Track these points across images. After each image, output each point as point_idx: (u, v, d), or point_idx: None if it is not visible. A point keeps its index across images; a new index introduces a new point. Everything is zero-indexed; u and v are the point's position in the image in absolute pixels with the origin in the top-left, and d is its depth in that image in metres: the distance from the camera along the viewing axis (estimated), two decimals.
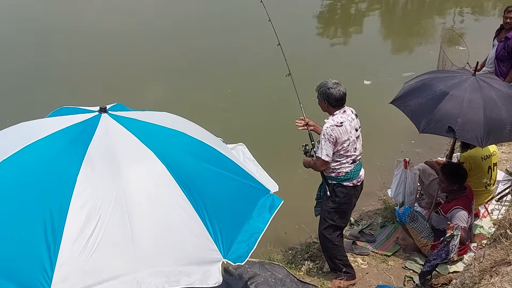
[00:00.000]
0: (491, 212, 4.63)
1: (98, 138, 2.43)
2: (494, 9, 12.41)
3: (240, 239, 2.43)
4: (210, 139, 2.90)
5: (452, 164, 4.29)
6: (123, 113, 2.70)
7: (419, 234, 4.17)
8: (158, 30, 10.37)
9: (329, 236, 3.87)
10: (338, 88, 3.55)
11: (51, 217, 2.12)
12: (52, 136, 2.46)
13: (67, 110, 2.83)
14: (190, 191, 2.34)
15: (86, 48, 9.53)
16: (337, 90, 3.54)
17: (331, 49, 10.22)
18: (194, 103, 7.39)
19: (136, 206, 2.20)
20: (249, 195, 2.67)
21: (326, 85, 3.58)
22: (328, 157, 3.57)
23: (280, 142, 6.33)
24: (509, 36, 5.47)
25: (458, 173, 4.03)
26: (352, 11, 12.88)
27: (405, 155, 6.07)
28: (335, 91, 3.54)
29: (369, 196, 5.46)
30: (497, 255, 2.79)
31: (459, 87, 3.70)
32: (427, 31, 11.24)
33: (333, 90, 3.54)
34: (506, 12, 5.55)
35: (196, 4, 11.91)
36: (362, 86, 7.84)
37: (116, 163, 2.33)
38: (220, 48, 9.37)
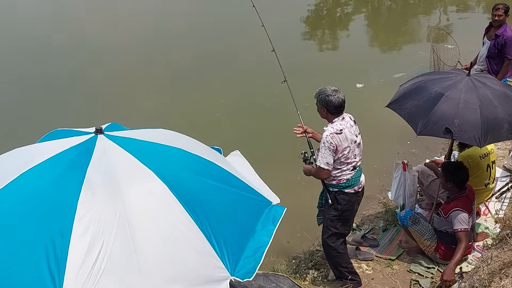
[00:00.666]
0: (495, 213, 4.62)
1: (96, 160, 2.39)
2: (479, 6, 12.53)
3: (246, 255, 2.41)
4: (208, 153, 2.87)
5: (453, 162, 4.26)
6: (119, 133, 2.67)
7: (422, 237, 4.15)
8: (146, 42, 10.31)
9: (333, 244, 3.83)
10: (337, 95, 3.53)
11: (53, 245, 2.08)
12: (49, 161, 2.42)
13: (61, 132, 2.78)
14: (193, 209, 2.31)
15: (71, 62, 9.42)
16: (336, 97, 3.53)
17: (320, 53, 10.22)
18: (188, 115, 7.35)
19: (139, 229, 2.17)
20: (251, 208, 2.64)
21: (325, 92, 3.56)
22: (328, 165, 3.56)
23: (277, 149, 6.30)
24: (499, 34, 5.51)
25: (456, 171, 4.02)
26: (338, 15, 12.93)
27: (401, 156, 6.07)
28: (334, 98, 3.52)
29: (369, 200, 5.44)
30: (505, 257, 2.77)
31: (454, 88, 3.70)
32: (415, 31, 11.32)
33: (332, 97, 3.52)
34: (494, 10, 5.60)
35: (184, 14, 11.88)
36: (355, 89, 7.84)
37: (116, 185, 2.29)
38: (212, 57, 9.34)
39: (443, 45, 7.45)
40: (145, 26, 11.03)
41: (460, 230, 3.84)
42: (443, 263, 4.12)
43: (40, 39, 10.52)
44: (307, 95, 4.17)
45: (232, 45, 9.85)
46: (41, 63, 9.49)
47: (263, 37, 4.52)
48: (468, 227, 3.87)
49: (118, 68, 9.09)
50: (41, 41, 10.41)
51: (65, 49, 10.00)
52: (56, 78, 8.80)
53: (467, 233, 3.86)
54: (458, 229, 3.85)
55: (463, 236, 3.83)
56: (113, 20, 11.45)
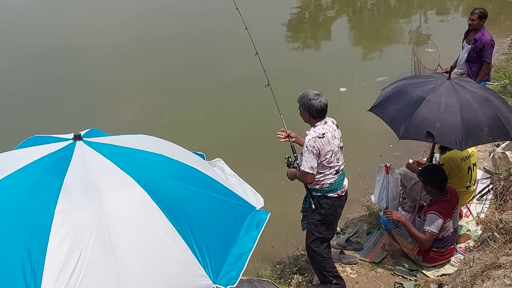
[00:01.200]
0: (477, 215, 4.67)
1: (75, 167, 2.34)
2: (458, 10, 12.74)
3: (229, 261, 2.38)
4: (190, 158, 2.83)
5: (430, 165, 4.30)
6: (98, 139, 2.61)
7: (405, 240, 4.17)
8: (128, 47, 10.21)
9: (317, 249, 3.83)
10: (319, 100, 3.54)
11: (29, 256, 2.02)
12: (26, 169, 2.36)
13: (39, 139, 2.71)
14: (174, 216, 2.27)
15: (52, 68, 9.27)
16: (318, 102, 3.53)
17: (303, 58, 10.24)
18: (171, 120, 7.27)
19: (119, 238, 2.11)
20: (234, 214, 2.61)
21: (307, 96, 3.56)
22: (312, 169, 3.54)
23: (261, 154, 6.28)
24: (477, 38, 5.59)
25: (431, 173, 4.05)
26: (321, 19, 13.00)
27: (384, 159, 6.11)
28: (316, 102, 3.53)
29: (353, 203, 5.45)
30: (487, 259, 2.80)
31: (435, 91, 3.74)
32: (396, 34, 11.43)
33: (314, 101, 3.53)
34: (471, 14, 5.69)
35: (166, 19, 11.81)
36: (338, 93, 7.87)
37: (95, 192, 2.24)
38: (195, 61, 9.29)
39: (423, 48, 7.54)
40: (126, 33, 10.91)
41: (427, 231, 3.91)
42: (426, 266, 4.16)
43: (17, 45, 10.31)
44: (290, 99, 4.16)
45: (215, 49, 9.81)
46: (18, 68, 9.29)
47: (246, 42, 4.51)
48: (436, 232, 3.92)
49: (99, 73, 8.97)
50: (18, 47, 10.21)
51: (44, 55, 9.84)
52: (34, 84, 8.61)
53: (432, 237, 3.92)
54: (426, 229, 3.92)
55: (428, 237, 3.90)
56: (94, 26, 11.29)
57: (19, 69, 9.28)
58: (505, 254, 2.72)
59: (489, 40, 5.51)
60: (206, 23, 11.23)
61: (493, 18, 11.55)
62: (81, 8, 12.89)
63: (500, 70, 7.64)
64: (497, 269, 2.61)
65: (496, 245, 2.88)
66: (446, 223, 3.97)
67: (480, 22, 5.57)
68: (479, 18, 5.55)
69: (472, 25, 5.63)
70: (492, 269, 2.65)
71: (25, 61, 9.62)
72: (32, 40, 10.48)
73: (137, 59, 9.63)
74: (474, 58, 5.59)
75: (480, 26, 5.59)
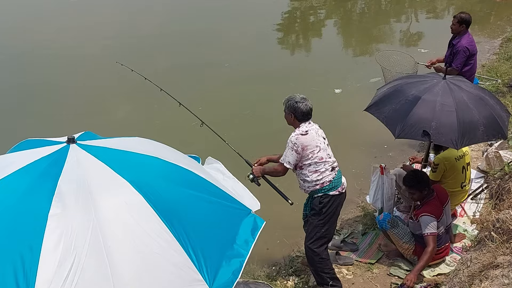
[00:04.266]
0: (472, 214, 4.68)
1: (68, 170, 2.30)
2: (448, 12, 12.81)
3: (224, 266, 2.36)
4: (185, 161, 2.80)
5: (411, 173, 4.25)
6: (92, 142, 2.58)
7: (401, 240, 4.17)
8: (121, 49, 10.15)
9: (317, 250, 3.82)
10: (305, 103, 3.66)
11: (22, 261, 1.98)
12: (19, 172, 2.32)
13: (32, 142, 2.67)
14: (170, 220, 2.24)
15: (45, 71, 9.18)
16: (304, 105, 3.66)
17: (297, 60, 10.23)
18: (165, 124, 7.19)
19: (113, 242, 2.08)
20: (230, 218, 2.59)
21: (294, 99, 3.69)
22: (290, 164, 3.68)
23: (255, 155, 6.22)
24: (454, 43, 5.61)
25: (418, 178, 4.05)
26: (312, 21, 13.02)
27: (379, 160, 6.11)
28: (302, 105, 3.65)
29: (348, 204, 5.42)
30: (484, 259, 2.79)
31: (430, 91, 3.74)
32: (387, 35, 11.48)
33: (300, 104, 3.65)
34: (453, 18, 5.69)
35: (158, 21, 11.75)
36: (333, 94, 7.85)
37: (90, 196, 2.20)
38: (189, 63, 9.25)
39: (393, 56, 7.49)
40: (120, 34, 10.85)
41: (427, 235, 3.90)
42: None
43: (8, 49, 10.18)
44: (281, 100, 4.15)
45: (209, 51, 9.77)
46: (12, 73, 9.18)
47: (240, 45, 4.49)
48: (435, 231, 3.93)
49: (92, 76, 8.88)
50: (9, 51, 10.09)
51: (37, 59, 9.75)
52: (28, 88, 8.50)
53: (434, 237, 3.92)
54: (425, 233, 3.91)
55: (430, 239, 3.89)
56: (88, 28, 11.22)
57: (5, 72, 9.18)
58: (502, 254, 2.72)
59: (463, 46, 5.45)
60: (199, 25, 11.20)
61: (484, 18, 11.67)
62: (69, 9, 12.80)
63: (491, 70, 7.69)
64: (495, 269, 2.60)
65: (493, 245, 2.88)
66: (438, 223, 3.97)
67: (460, 27, 5.54)
68: (459, 23, 5.54)
69: (452, 30, 5.64)
70: (490, 269, 2.65)
71: (12, 64, 9.51)
72: (18, 42, 10.38)
73: (128, 61, 9.54)
74: (451, 62, 5.60)
75: (461, 31, 5.56)
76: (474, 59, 5.60)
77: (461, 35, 5.55)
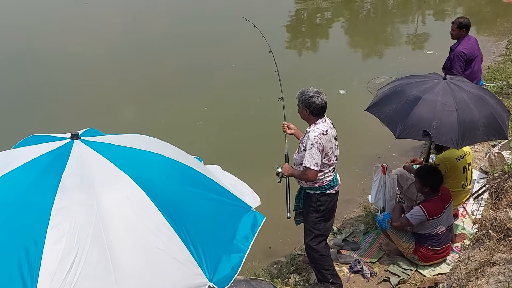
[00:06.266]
0: (471, 213, 4.68)
1: (72, 165, 2.35)
2: (455, 13, 12.78)
3: (224, 261, 2.39)
4: (186, 158, 2.84)
5: (426, 166, 4.33)
6: (96, 138, 2.62)
7: (400, 239, 4.20)
8: (127, 49, 10.24)
9: (316, 247, 3.85)
10: (320, 97, 3.51)
11: (27, 253, 2.03)
12: (23, 167, 2.37)
13: (37, 138, 2.73)
14: (171, 215, 2.28)
15: (52, 71, 9.26)
16: (319, 99, 3.51)
17: (302, 60, 10.26)
18: (170, 123, 7.26)
19: (116, 236, 2.13)
20: (231, 214, 2.62)
21: (308, 93, 3.53)
22: (317, 166, 3.50)
23: (259, 155, 6.29)
24: (452, 48, 5.61)
25: (431, 175, 4.08)
26: (319, 22, 13.06)
27: (382, 160, 6.13)
28: (317, 100, 3.50)
29: (350, 203, 5.48)
30: (481, 256, 2.81)
31: (431, 91, 3.76)
32: (394, 36, 11.48)
33: (315, 98, 3.50)
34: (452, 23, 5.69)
35: (165, 21, 11.84)
36: (338, 95, 7.89)
37: (93, 191, 2.25)
38: (195, 63, 9.31)
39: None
40: (127, 34, 10.94)
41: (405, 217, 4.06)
42: (423, 265, 4.17)
43: (15, 49, 10.29)
44: (290, 101, 4.18)
45: (216, 52, 9.83)
46: (17, 72, 9.27)
47: (246, 46, 4.53)
48: (414, 225, 4.03)
49: (99, 76, 8.96)
50: (16, 51, 10.19)
51: (44, 58, 9.84)
52: (34, 87, 8.61)
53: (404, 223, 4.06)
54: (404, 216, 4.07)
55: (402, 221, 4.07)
56: (94, 29, 11.32)
57: (14, 71, 9.28)
58: (499, 252, 2.74)
59: (459, 51, 5.44)
60: (206, 26, 11.27)
61: (490, 20, 11.64)
62: (75, 10, 12.92)
63: (497, 72, 7.68)
64: (492, 266, 2.62)
65: (490, 243, 2.90)
66: (435, 220, 3.99)
67: (460, 32, 5.54)
68: (459, 28, 5.54)
69: (452, 35, 5.65)
70: (487, 266, 2.67)
71: (20, 64, 9.61)
72: (25, 44, 10.50)
73: (135, 61, 9.65)
74: (448, 67, 5.60)
75: (461, 35, 5.55)
76: (475, 63, 5.57)
77: (461, 39, 5.55)
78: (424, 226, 4.03)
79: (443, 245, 4.10)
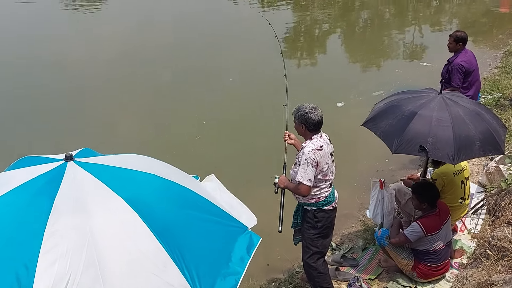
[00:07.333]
0: (470, 229, 4.65)
1: (65, 188, 2.33)
2: (451, 25, 12.86)
3: (220, 284, 2.36)
4: (181, 178, 2.83)
5: (422, 182, 4.29)
6: (90, 159, 2.61)
7: (399, 256, 4.16)
8: (124, 63, 10.24)
9: (314, 264, 3.82)
10: (316, 113, 3.56)
11: (18, 279, 2.02)
12: (16, 190, 2.36)
13: (31, 160, 2.71)
14: (165, 239, 2.26)
15: (46, 84, 9.20)
16: (315, 115, 3.55)
17: (300, 73, 10.29)
18: (168, 138, 7.23)
19: (109, 261, 2.11)
20: (226, 236, 2.60)
21: (304, 109, 3.57)
22: (310, 181, 3.52)
23: (257, 171, 6.26)
24: (450, 60, 5.64)
25: (427, 191, 4.07)
26: (316, 34, 13.12)
27: (380, 174, 6.11)
28: (313, 116, 3.54)
29: (348, 218, 5.44)
30: (480, 277, 2.78)
31: (426, 106, 3.76)
32: (391, 49, 11.53)
33: (311, 114, 3.54)
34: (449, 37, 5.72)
35: (161, 35, 11.88)
36: (336, 108, 7.89)
37: (86, 214, 2.24)
38: (193, 78, 9.33)
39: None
40: (123, 47, 10.94)
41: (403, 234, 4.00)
42: (422, 282, 4.13)
43: (9, 61, 10.28)
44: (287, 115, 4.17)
45: (214, 66, 9.85)
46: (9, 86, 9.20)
47: (245, 58, 4.54)
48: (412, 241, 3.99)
49: (94, 89, 8.95)
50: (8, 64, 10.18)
51: (36, 70, 9.83)
52: (26, 101, 8.52)
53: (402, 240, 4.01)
54: (402, 233, 4.02)
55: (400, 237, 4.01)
56: (86, 43, 11.37)
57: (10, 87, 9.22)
58: (497, 272, 2.71)
59: (458, 64, 5.46)
60: (203, 40, 11.32)
61: (486, 31, 11.70)
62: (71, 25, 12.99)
63: (493, 84, 7.69)
64: (490, 287, 2.59)
65: (488, 263, 2.87)
66: (433, 236, 3.97)
67: (457, 45, 5.58)
68: (455, 42, 5.58)
69: (449, 48, 5.69)
70: (485, 287, 2.64)
71: (16, 79, 9.53)
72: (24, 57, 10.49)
73: (132, 75, 9.66)
74: (447, 80, 5.62)
75: (457, 49, 5.59)
76: (473, 76, 5.59)
77: (458, 52, 5.58)
78: (422, 242, 4.00)
79: (442, 262, 4.06)
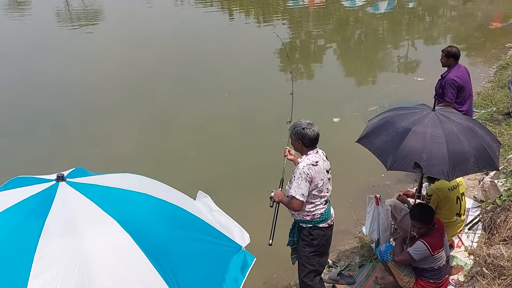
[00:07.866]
0: (467, 246, 4.62)
1: (56, 209, 2.31)
2: (445, 39, 13.00)
3: None
4: (174, 196, 2.80)
5: (416, 207, 4.21)
6: (82, 179, 2.59)
7: (401, 272, 4.10)
8: (118, 78, 10.27)
9: (311, 283, 3.78)
10: (312, 129, 3.59)
11: None
12: (6, 212, 2.32)
13: (22, 180, 2.68)
14: (158, 260, 2.22)
15: (38, 101, 9.23)
16: (311, 131, 3.58)
17: (296, 88, 10.30)
18: (163, 155, 7.22)
19: (100, 284, 2.07)
20: (220, 256, 2.57)
21: (300, 125, 3.60)
22: (303, 196, 3.52)
23: (252, 187, 6.23)
24: (443, 75, 5.68)
25: (428, 214, 4.00)
26: (312, 49, 13.22)
27: (376, 189, 6.10)
28: (309, 132, 3.57)
29: (345, 234, 5.41)
30: None
31: (420, 123, 3.76)
32: (386, 64, 11.63)
33: (307, 130, 3.57)
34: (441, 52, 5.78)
35: (158, 51, 11.96)
36: (332, 123, 7.92)
37: (77, 236, 2.20)
38: (189, 94, 9.35)
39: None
40: (116, 67, 10.99)
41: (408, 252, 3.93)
42: None
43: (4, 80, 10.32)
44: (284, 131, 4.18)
45: (209, 82, 9.90)
46: None
47: (240, 73, 4.55)
48: (416, 259, 3.91)
49: (88, 107, 8.96)
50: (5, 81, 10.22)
51: (36, 87, 9.85)
52: (19, 121, 8.50)
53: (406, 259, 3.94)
54: (407, 251, 3.94)
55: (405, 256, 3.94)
56: (83, 63, 11.40)
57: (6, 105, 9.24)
58: None
59: (450, 79, 5.51)
60: (199, 56, 11.38)
61: (479, 46, 11.83)
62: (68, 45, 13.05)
63: (486, 98, 7.74)
64: None
65: (484, 281, 2.84)
66: (440, 253, 3.92)
67: (448, 60, 5.63)
68: (447, 57, 5.64)
69: (441, 63, 5.74)
70: None
71: (12, 97, 9.57)
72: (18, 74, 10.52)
73: (127, 93, 9.68)
74: (440, 94, 5.65)
75: (449, 64, 5.64)
76: (466, 91, 5.62)
77: (451, 67, 5.62)
78: (427, 260, 3.93)
79: (442, 278, 4.01)
